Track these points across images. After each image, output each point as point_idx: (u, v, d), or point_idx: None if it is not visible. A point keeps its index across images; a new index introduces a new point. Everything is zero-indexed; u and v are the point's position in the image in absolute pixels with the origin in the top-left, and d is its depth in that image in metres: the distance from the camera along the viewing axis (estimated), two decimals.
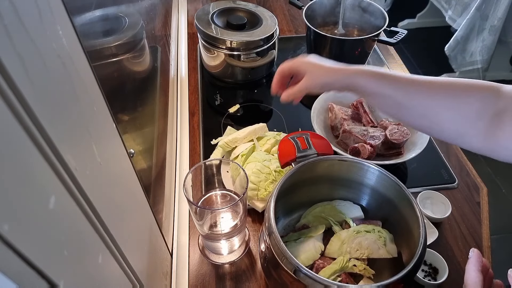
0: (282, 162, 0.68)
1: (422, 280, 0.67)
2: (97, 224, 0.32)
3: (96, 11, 0.50)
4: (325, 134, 0.86)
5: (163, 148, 0.80)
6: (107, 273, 0.35)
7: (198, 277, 0.70)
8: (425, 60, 2.60)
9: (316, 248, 0.65)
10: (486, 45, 2.11)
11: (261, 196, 0.75)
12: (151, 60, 0.81)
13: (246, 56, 1.02)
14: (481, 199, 0.83)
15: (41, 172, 0.24)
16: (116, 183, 0.40)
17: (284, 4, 1.42)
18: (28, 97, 0.23)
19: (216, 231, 0.69)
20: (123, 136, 0.42)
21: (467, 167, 0.89)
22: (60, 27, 0.28)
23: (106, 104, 0.37)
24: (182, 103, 1.03)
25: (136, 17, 0.72)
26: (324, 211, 0.70)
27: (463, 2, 2.22)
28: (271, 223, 0.55)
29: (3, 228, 0.20)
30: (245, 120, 1.00)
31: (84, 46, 0.33)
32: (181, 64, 1.15)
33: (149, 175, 0.64)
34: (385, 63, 1.18)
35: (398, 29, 1.04)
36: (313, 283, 0.50)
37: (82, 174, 0.29)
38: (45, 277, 0.24)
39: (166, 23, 1.11)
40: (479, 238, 0.76)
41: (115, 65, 0.56)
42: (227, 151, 0.86)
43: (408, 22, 2.84)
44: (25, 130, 0.23)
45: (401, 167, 0.88)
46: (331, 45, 1.07)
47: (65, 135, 0.27)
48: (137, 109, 0.66)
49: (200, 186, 0.71)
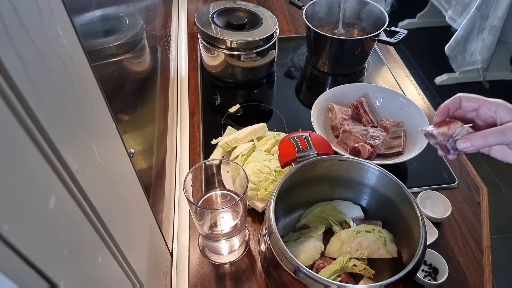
0: (282, 162, 0.68)
1: (422, 280, 0.67)
2: (97, 224, 0.32)
3: (96, 11, 0.50)
4: (325, 134, 0.86)
5: (163, 148, 0.80)
6: (107, 273, 0.35)
7: (198, 277, 0.70)
8: (425, 60, 2.60)
9: (316, 248, 0.65)
10: (486, 45, 2.11)
11: (261, 196, 0.75)
12: (151, 60, 0.81)
13: (246, 56, 1.02)
14: (481, 199, 0.83)
15: (41, 172, 0.24)
16: (116, 183, 0.40)
17: (284, 4, 1.42)
18: (28, 97, 0.23)
19: (216, 231, 0.69)
20: (123, 136, 0.42)
21: (467, 167, 0.89)
22: (60, 27, 0.28)
23: (106, 104, 0.37)
24: (182, 103, 1.03)
25: (136, 17, 0.72)
26: (324, 211, 0.70)
27: (463, 2, 2.22)
28: (271, 223, 0.55)
29: (3, 228, 0.20)
30: (245, 120, 1.00)
31: (84, 46, 0.33)
32: (181, 64, 1.15)
33: (149, 175, 0.64)
34: (385, 63, 1.18)
35: (398, 29, 1.05)
36: (313, 283, 0.50)
37: (82, 174, 0.29)
38: (45, 277, 0.23)
39: (166, 23, 1.11)
40: (479, 238, 0.76)
41: (115, 65, 0.56)
42: (227, 151, 0.86)
43: (408, 22, 2.84)
44: (25, 130, 0.23)
45: (401, 167, 0.88)
46: (331, 45, 1.07)
47: (65, 135, 0.27)
48: (137, 109, 0.66)
49: (200, 186, 0.71)
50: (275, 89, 1.12)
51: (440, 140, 0.52)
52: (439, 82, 2.42)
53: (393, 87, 1.09)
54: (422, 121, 0.87)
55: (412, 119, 0.89)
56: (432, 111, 1.03)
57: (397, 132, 0.88)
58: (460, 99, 0.53)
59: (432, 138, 0.53)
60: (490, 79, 2.36)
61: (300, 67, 1.18)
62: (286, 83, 1.13)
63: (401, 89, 1.08)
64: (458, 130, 0.51)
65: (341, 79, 1.14)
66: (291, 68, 1.17)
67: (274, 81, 1.14)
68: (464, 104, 0.53)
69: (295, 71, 1.17)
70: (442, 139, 0.52)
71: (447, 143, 0.51)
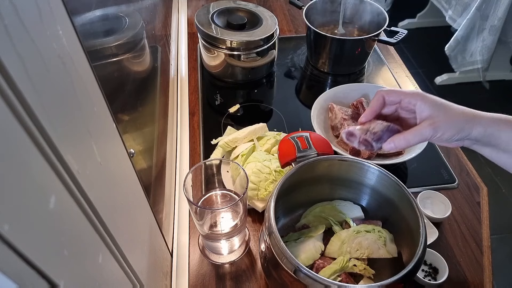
0: (282, 162, 0.68)
1: (422, 280, 0.67)
2: (97, 224, 0.32)
3: (96, 11, 0.50)
4: (325, 134, 0.86)
5: (163, 148, 0.80)
6: (107, 273, 0.35)
7: (198, 277, 0.70)
8: (425, 60, 2.60)
9: (316, 248, 0.65)
10: (486, 45, 2.11)
11: (261, 196, 0.75)
12: (151, 60, 0.81)
13: (246, 56, 1.02)
14: (481, 199, 0.83)
15: (41, 172, 0.24)
16: (116, 183, 0.40)
17: (284, 4, 1.42)
18: (28, 97, 0.23)
19: (216, 231, 0.69)
20: (123, 136, 0.42)
21: (467, 167, 0.89)
22: (60, 27, 0.28)
23: (106, 104, 0.37)
24: (182, 103, 1.03)
25: (136, 17, 0.72)
26: (324, 211, 0.70)
27: (463, 2, 2.22)
28: (271, 223, 0.55)
29: (3, 228, 0.20)
30: (245, 120, 1.00)
31: (84, 46, 0.33)
32: (181, 64, 1.15)
33: (149, 175, 0.64)
34: (385, 63, 1.18)
35: (398, 29, 1.05)
36: (313, 283, 0.50)
37: (82, 174, 0.29)
38: (45, 277, 0.23)
39: (166, 23, 1.11)
40: (479, 238, 0.76)
41: (115, 65, 0.56)
42: (227, 151, 0.86)
43: (408, 22, 2.84)
44: (26, 130, 0.23)
45: (401, 167, 0.88)
46: (331, 45, 1.07)
47: (65, 135, 0.27)
48: (137, 109, 0.66)
49: (200, 186, 0.71)
50: (275, 89, 1.12)
51: (360, 135, 0.54)
52: (439, 82, 2.42)
53: (393, 87, 1.09)
54: None
55: None
56: None
57: None
58: (383, 96, 0.55)
59: (352, 138, 0.55)
60: (490, 79, 2.36)
61: (300, 67, 1.18)
62: (286, 83, 1.13)
63: None
64: (374, 125, 0.54)
65: (341, 79, 1.14)
66: (291, 68, 1.17)
67: (274, 81, 1.14)
68: (387, 99, 0.55)
69: (295, 71, 1.17)
70: (360, 133, 0.54)
71: (366, 136, 0.53)
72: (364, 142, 0.54)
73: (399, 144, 0.52)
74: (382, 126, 0.53)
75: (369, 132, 0.53)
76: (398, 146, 0.52)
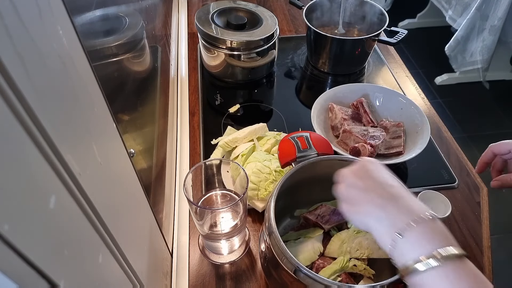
0: (282, 162, 0.68)
1: None
2: (97, 224, 0.32)
3: (97, 11, 0.50)
4: (325, 134, 0.86)
5: (163, 148, 0.80)
6: (107, 273, 0.35)
7: (198, 277, 0.70)
8: (425, 60, 2.60)
9: (314, 249, 0.65)
10: (486, 45, 2.11)
11: (261, 196, 0.75)
12: (151, 60, 0.81)
13: (246, 56, 1.02)
14: (481, 199, 0.83)
15: (42, 172, 0.24)
16: (116, 183, 0.40)
17: (284, 4, 1.42)
18: (28, 97, 0.23)
19: (216, 231, 0.69)
20: (123, 136, 0.42)
21: (467, 167, 0.89)
22: (60, 27, 0.28)
23: (106, 104, 0.37)
24: (182, 103, 1.03)
25: (136, 17, 0.72)
26: None
27: (463, 2, 2.22)
28: (271, 223, 0.55)
29: (3, 228, 0.20)
30: (245, 120, 1.00)
31: (84, 46, 0.33)
32: (181, 64, 1.15)
33: (149, 175, 0.64)
34: (385, 63, 1.18)
35: (398, 29, 1.05)
36: (313, 283, 0.50)
37: (83, 174, 0.29)
38: (45, 277, 0.24)
39: (166, 23, 1.11)
40: (479, 238, 0.76)
41: (115, 65, 0.56)
42: (227, 151, 0.86)
43: (408, 22, 2.84)
44: (26, 130, 0.23)
45: (401, 167, 0.88)
46: (331, 45, 1.07)
47: (65, 135, 0.27)
48: (137, 109, 0.66)
49: (200, 186, 0.71)
50: (275, 89, 1.12)
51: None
52: (439, 82, 2.42)
53: (393, 87, 1.09)
54: (422, 121, 0.87)
55: (412, 119, 0.89)
56: (432, 111, 1.03)
57: (397, 132, 0.88)
58: (492, 150, 0.67)
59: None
60: (490, 79, 2.36)
61: (300, 67, 1.18)
62: (286, 83, 1.13)
63: (401, 89, 1.08)
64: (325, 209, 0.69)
65: (341, 79, 1.14)
66: (291, 68, 1.17)
67: (274, 81, 1.14)
68: (497, 151, 0.67)
69: (295, 71, 1.17)
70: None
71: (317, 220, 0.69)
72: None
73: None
74: (329, 210, 0.68)
75: (319, 216, 0.68)
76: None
